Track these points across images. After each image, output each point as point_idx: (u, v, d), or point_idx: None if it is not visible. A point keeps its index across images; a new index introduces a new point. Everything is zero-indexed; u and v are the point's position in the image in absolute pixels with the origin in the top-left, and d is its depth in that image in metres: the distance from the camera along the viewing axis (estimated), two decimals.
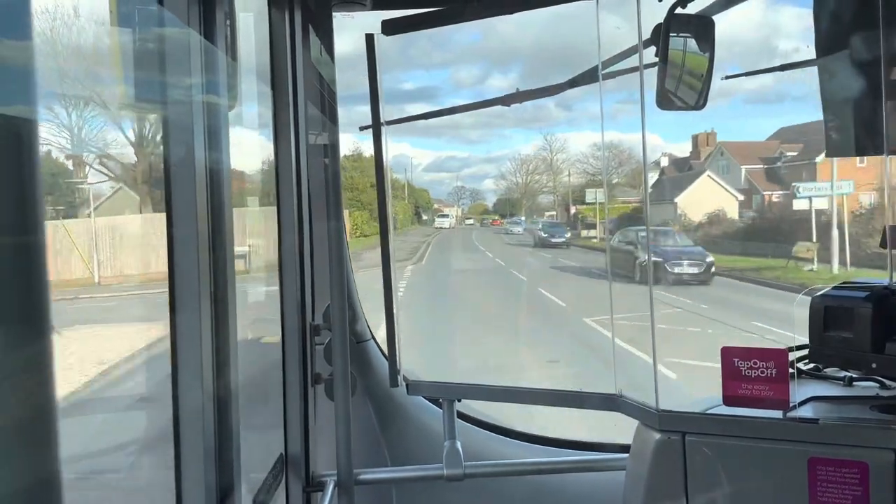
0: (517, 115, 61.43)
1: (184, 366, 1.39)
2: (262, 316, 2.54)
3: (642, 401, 1.96)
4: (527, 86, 2.76)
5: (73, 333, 3.82)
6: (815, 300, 1.96)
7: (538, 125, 60.12)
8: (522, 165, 57.75)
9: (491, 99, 2.97)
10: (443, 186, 59.80)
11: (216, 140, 1.45)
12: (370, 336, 2.92)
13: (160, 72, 1.36)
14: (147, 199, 4.11)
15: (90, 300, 4.43)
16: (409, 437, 2.80)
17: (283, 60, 2.19)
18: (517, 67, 54.93)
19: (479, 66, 60.28)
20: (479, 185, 65.59)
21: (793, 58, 2.46)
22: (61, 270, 3.97)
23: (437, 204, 59.44)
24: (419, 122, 2.73)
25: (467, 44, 62.44)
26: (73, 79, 2.21)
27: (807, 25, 2.25)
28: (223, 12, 1.51)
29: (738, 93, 47.13)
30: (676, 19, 2.19)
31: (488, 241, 39.69)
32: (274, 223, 2.25)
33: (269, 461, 2.14)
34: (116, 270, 4.55)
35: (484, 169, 73.52)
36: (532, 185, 56.47)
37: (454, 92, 58.41)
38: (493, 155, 70.02)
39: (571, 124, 58.21)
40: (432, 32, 2.34)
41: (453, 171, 60.43)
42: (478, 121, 63.50)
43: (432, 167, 59.60)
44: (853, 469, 1.62)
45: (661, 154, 39.76)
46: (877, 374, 1.87)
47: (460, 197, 61.33)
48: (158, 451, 2.11)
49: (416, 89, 51.05)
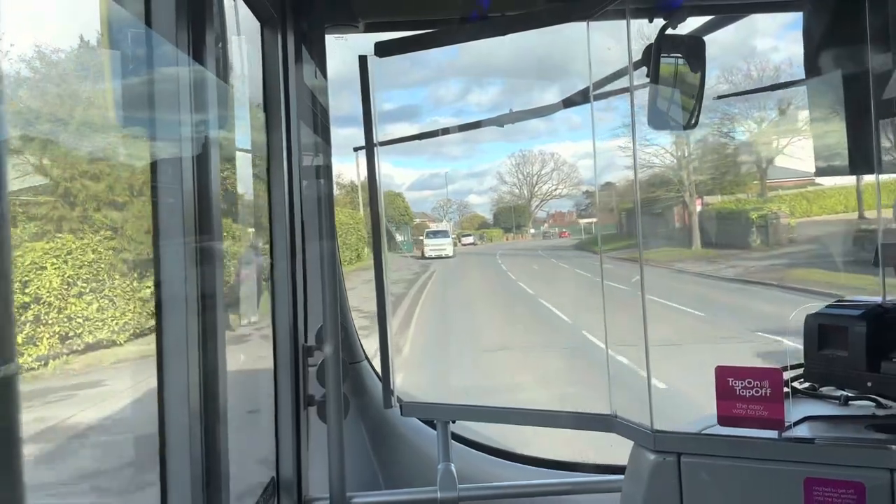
0: (498, 129, 60.76)
1: (170, 388, 1.37)
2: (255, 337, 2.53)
3: (637, 421, 1.95)
4: (509, 100, 2.79)
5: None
6: (810, 319, 1.95)
7: (518, 137, 58.17)
8: (525, 164, 47.24)
9: (485, 119, 2.99)
10: (427, 204, 52.98)
11: (205, 162, 1.45)
12: (363, 357, 2.91)
13: (149, 94, 1.36)
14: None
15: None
16: (403, 459, 2.77)
17: (275, 82, 2.20)
18: (497, 82, 54.20)
19: (460, 82, 60.00)
20: (465, 198, 61.18)
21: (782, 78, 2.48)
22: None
23: (420, 219, 44.18)
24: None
25: (446, 61, 62.40)
26: (61, 100, 2.22)
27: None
28: (213, 34, 1.51)
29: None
30: (667, 40, 2.22)
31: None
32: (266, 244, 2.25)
33: (260, 484, 2.12)
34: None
35: (468, 185, 72.18)
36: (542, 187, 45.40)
37: (435, 110, 57.45)
38: (475, 170, 69.17)
39: (552, 135, 56.84)
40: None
41: (437, 188, 55.05)
42: (458, 136, 62.69)
43: (416, 185, 56.48)
44: (849, 489, 1.61)
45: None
46: (872, 392, 1.86)
47: (447, 211, 49.50)
48: (144, 473, 2.09)
49: (396, 109, 49.62)
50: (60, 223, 3.99)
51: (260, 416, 2.31)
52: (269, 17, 2.20)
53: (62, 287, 4.20)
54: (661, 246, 27.00)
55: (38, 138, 2.55)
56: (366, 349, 2.94)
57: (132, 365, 4.61)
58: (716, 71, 25.98)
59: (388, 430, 2.79)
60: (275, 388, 2.24)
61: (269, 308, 2.29)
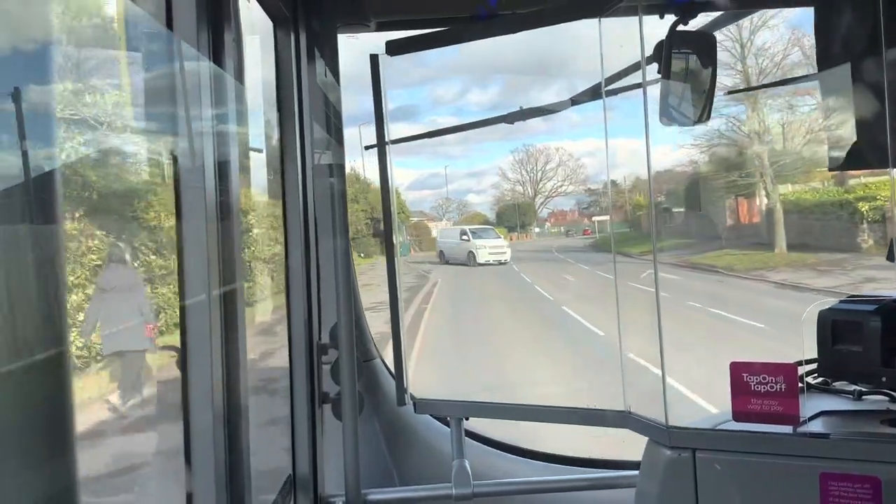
0: (497, 128, 59.57)
1: (194, 387, 1.39)
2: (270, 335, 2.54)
3: (652, 417, 1.95)
4: (514, 99, 2.80)
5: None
6: (823, 314, 1.95)
7: (517, 135, 56.43)
8: (529, 160, 42.54)
9: (496, 117, 3.00)
10: (425, 203, 50.40)
11: (225, 160, 1.47)
12: (377, 354, 2.92)
13: (170, 95, 1.37)
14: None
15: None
16: (418, 455, 2.79)
17: (288, 81, 2.22)
18: (502, 81, 53.12)
19: (464, 81, 59.10)
20: (464, 197, 58.73)
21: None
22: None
23: (419, 217, 39.66)
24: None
25: (450, 60, 61.65)
26: (83, 102, 2.24)
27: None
28: (231, 36, 1.53)
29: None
30: (678, 36, 2.21)
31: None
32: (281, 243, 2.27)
33: (277, 482, 2.13)
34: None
35: (467, 184, 71.00)
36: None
37: (435, 109, 56.36)
38: (475, 169, 68.34)
39: (552, 133, 55.45)
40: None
41: (437, 188, 52.12)
42: (458, 137, 61.23)
43: (416, 185, 54.46)
44: (865, 484, 1.61)
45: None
46: (887, 387, 1.86)
47: (447, 210, 46.37)
48: (168, 472, 2.11)
49: (396, 109, 48.38)
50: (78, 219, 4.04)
51: (277, 414, 2.32)
52: (282, 17, 2.21)
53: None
54: (727, 248, 21.12)
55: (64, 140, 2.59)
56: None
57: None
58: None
59: (402, 427, 2.80)
60: (290, 386, 2.25)
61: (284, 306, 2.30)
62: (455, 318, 15.86)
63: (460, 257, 26.65)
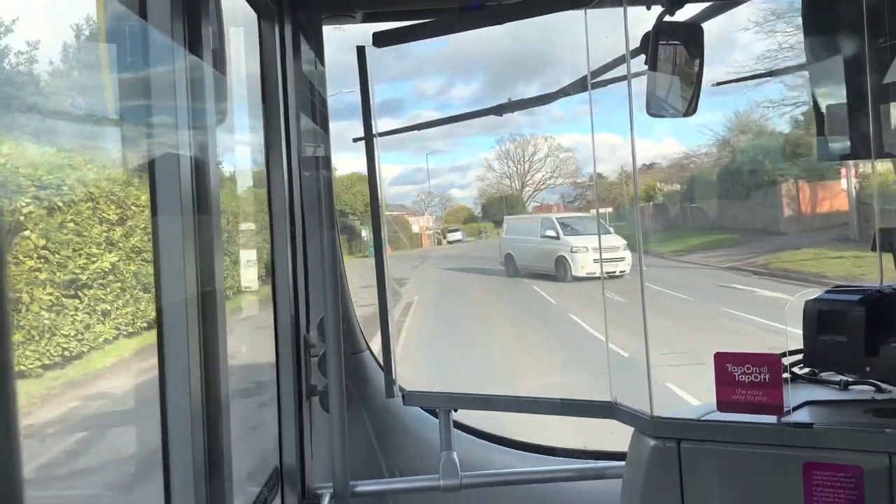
0: (482, 122, 57.43)
1: (171, 378, 1.39)
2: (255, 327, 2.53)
3: (637, 408, 1.96)
4: (500, 92, 2.79)
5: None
6: (809, 304, 1.96)
7: (502, 130, 55.00)
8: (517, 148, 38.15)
9: (483, 109, 2.98)
10: (408, 198, 47.76)
11: (203, 154, 1.45)
12: (365, 347, 2.92)
13: (145, 86, 1.36)
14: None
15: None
16: (406, 447, 2.79)
17: (273, 73, 2.20)
18: (487, 74, 52.26)
19: (448, 74, 58.20)
20: (448, 192, 56.07)
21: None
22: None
23: (398, 212, 35.00)
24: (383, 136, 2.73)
25: (435, 52, 60.72)
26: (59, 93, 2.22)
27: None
28: (209, 26, 1.51)
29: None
30: (665, 27, 2.20)
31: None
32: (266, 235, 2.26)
33: (264, 474, 2.13)
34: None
35: (450, 178, 69.87)
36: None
37: (420, 103, 55.20)
38: (458, 164, 67.44)
39: (534, 127, 54.06)
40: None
41: (420, 182, 49.19)
42: (441, 130, 59.17)
43: (398, 180, 51.81)
44: (848, 473, 1.61)
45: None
46: (871, 377, 1.86)
47: (429, 204, 42.03)
48: (147, 466, 2.10)
49: (380, 102, 46.61)
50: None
51: (263, 407, 2.32)
52: (266, 8, 2.20)
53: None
54: (790, 246, 16.35)
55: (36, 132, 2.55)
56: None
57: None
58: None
59: (391, 419, 2.80)
60: (277, 379, 2.25)
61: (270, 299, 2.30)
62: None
63: (543, 265, 17.84)
